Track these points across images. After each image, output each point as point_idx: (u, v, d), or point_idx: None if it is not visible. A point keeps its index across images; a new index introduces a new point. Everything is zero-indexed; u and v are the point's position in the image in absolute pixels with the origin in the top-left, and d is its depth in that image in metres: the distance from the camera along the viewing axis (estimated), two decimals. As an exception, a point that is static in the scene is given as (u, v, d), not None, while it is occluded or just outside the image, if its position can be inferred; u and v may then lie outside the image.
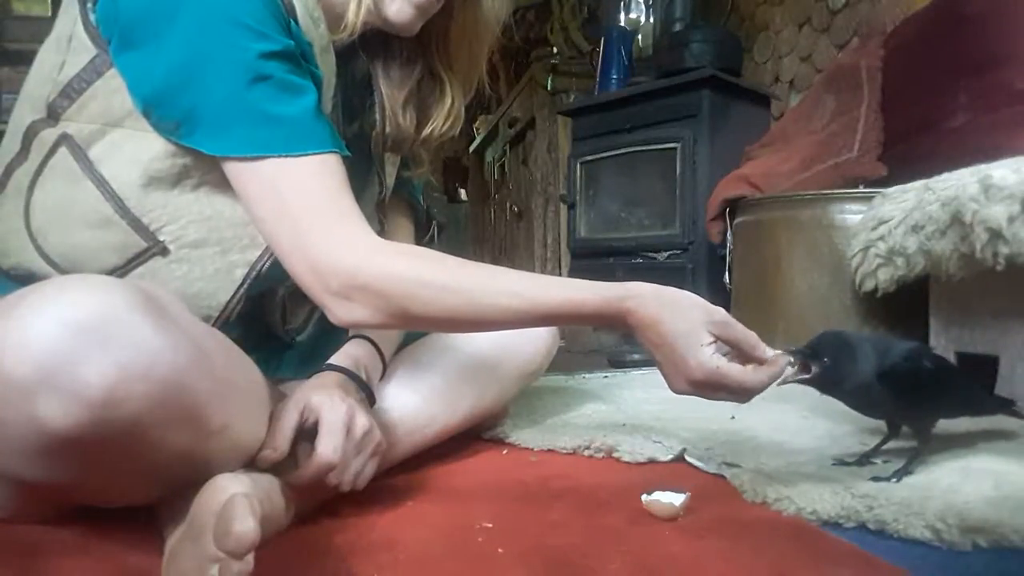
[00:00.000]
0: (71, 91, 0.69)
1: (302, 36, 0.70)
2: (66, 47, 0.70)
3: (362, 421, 0.70)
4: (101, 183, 0.69)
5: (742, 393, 0.69)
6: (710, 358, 0.67)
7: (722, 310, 0.72)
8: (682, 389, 0.70)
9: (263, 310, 0.79)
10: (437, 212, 1.07)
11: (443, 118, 0.89)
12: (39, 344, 0.49)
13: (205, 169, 0.69)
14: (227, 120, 0.66)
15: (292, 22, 0.69)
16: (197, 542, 0.51)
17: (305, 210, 0.66)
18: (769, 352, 0.70)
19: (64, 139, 0.70)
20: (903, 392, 0.78)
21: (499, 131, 3.92)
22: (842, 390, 0.78)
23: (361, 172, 0.89)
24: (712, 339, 0.68)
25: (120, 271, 0.70)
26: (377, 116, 0.86)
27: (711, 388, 0.69)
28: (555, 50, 3.30)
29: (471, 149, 4.71)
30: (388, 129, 0.86)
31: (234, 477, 0.58)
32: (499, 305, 0.68)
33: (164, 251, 0.71)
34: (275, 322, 0.82)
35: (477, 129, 4.53)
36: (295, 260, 0.67)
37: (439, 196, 5.76)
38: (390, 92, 0.86)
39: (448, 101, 0.89)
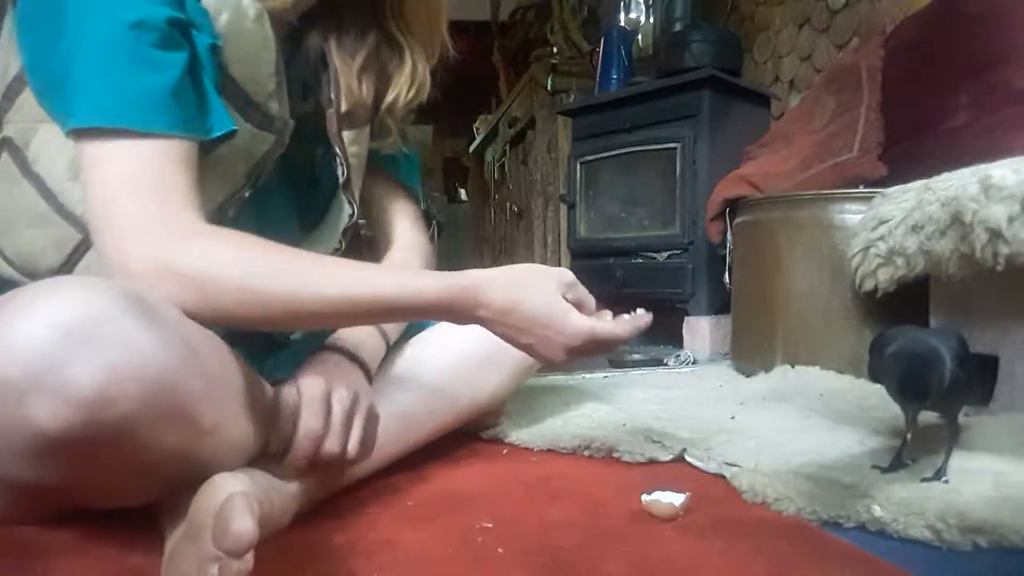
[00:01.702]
0: (11, 92, 0.70)
1: (196, 4, 0.67)
2: (8, 48, 0.70)
3: (342, 389, 0.69)
4: (37, 181, 0.69)
5: (614, 345, 0.71)
6: (582, 322, 0.68)
7: (562, 269, 0.72)
8: (561, 360, 0.70)
9: None
10: (437, 212, 1.06)
11: (407, 84, 0.87)
12: (29, 346, 0.49)
13: None
14: (81, 91, 0.63)
15: None
16: (196, 542, 0.51)
17: (126, 187, 0.62)
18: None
19: (5, 143, 0.70)
20: (927, 371, 0.78)
21: (499, 131, 3.92)
22: (878, 362, 0.79)
23: (320, 150, 0.88)
24: (569, 303, 0.69)
25: (64, 268, 0.70)
26: (333, 92, 0.83)
27: (587, 351, 0.69)
28: (555, 50, 3.29)
29: (471, 149, 4.70)
30: (344, 103, 0.83)
31: (232, 476, 0.57)
32: (324, 296, 0.63)
33: None
34: None
35: (477, 129, 4.53)
36: (103, 238, 0.62)
37: (439, 196, 5.76)
38: (343, 64, 0.83)
39: (409, 66, 0.86)
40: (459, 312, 0.68)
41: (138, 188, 0.62)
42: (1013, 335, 1.09)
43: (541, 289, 0.68)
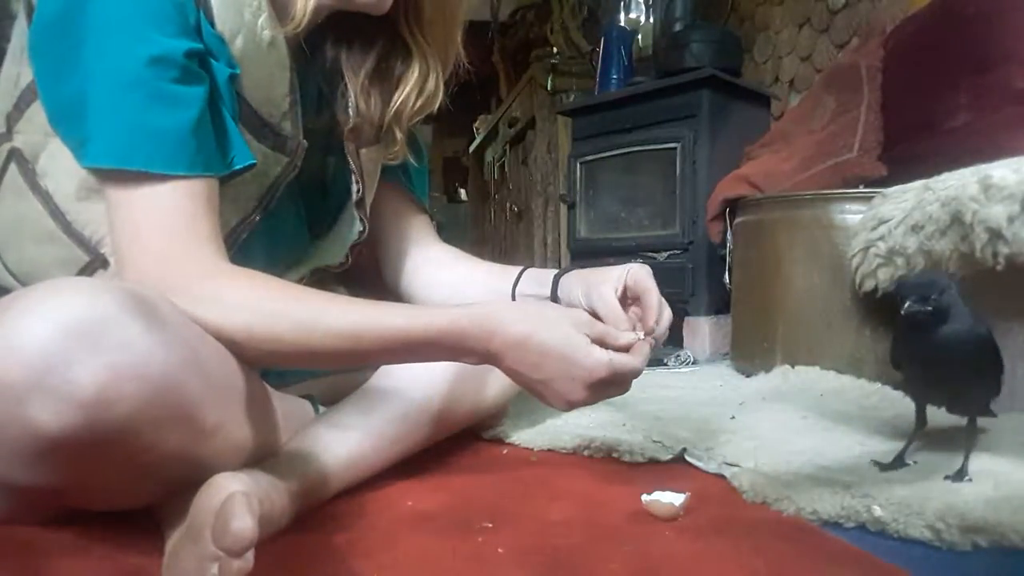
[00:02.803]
0: (22, 103, 0.69)
1: (211, 30, 0.66)
2: (20, 58, 0.70)
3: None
4: (45, 198, 0.69)
5: (631, 379, 0.68)
6: (602, 354, 0.65)
7: (578, 310, 0.72)
8: (580, 399, 0.66)
9: None
10: (436, 212, 1.06)
11: (415, 92, 0.84)
12: (30, 347, 0.49)
13: None
14: (99, 129, 0.63)
15: (202, 16, 0.66)
16: (197, 541, 0.51)
17: (147, 229, 0.63)
18: (624, 336, 0.70)
19: (13, 154, 0.70)
20: (984, 358, 0.79)
21: (499, 131, 3.92)
22: (938, 340, 0.77)
23: (331, 160, 0.87)
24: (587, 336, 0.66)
25: None
26: (350, 105, 0.82)
27: (609, 385, 0.66)
28: (555, 50, 3.29)
29: (471, 149, 4.70)
30: (356, 114, 0.82)
31: (233, 476, 0.57)
32: (333, 333, 0.63)
33: (105, 263, 0.70)
34: None
35: (477, 129, 4.53)
36: (126, 278, 0.63)
37: (439, 196, 5.77)
38: (353, 77, 0.82)
39: (417, 72, 0.84)
40: (472, 343, 0.65)
41: (161, 230, 0.63)
42: (1014, 335, 1.09)
43: (556, 324, 0.65)
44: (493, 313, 0.65)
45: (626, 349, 0.69)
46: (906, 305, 0.75)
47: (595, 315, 0.78)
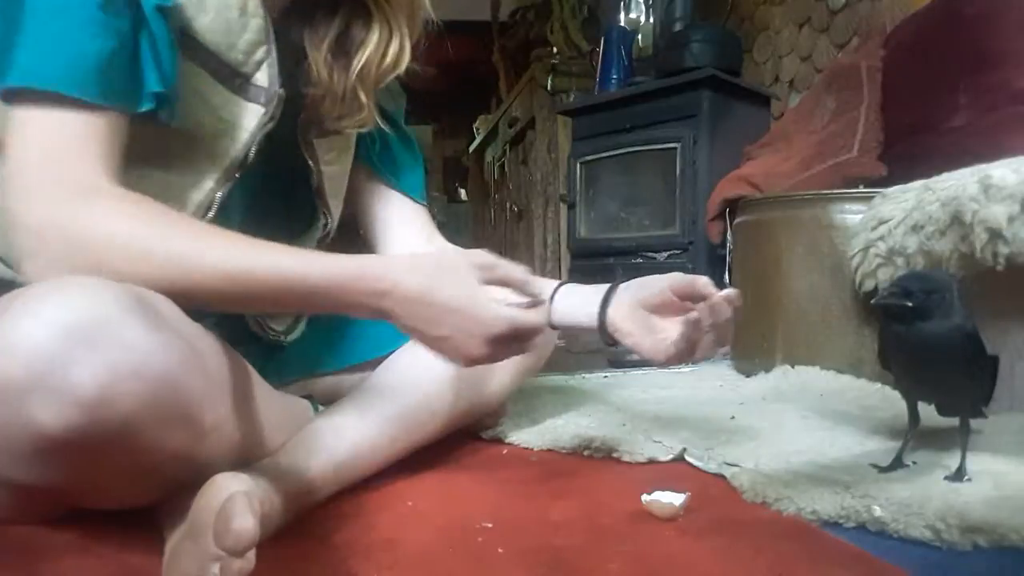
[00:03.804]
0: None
1: None
2: None
3: None
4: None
5: (532, 337, 0.65)
6: (502, 308, 0.62)
7: (479, 251, 0.67)
8: (480, 355, 0.63)
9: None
10: (436, 212, 1.06)
11: (378, 55, 0.81)
12: (30, 346, 0.49)
13: None
14: (19, 52, 0.60)
15: None
16: (198, 541, 0.51)
17: (42, 149, 0.59)
18: (538, 283, 0.66)
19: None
20: (976, 357, 0.78)
21: (499, 131, 3.92)
22: (918, 337, 0.77)
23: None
24: (486, 285, 0.63)
25: None
26: (313, 78, 0.80)
27: (509, 341, 0.63)
28: (555, 50, 3.30)
29: (471, 149, 4.71)
30: (317, 89, 0.80)
31: (234, 476, 0.58)
32: (218, 263, 0.59)
33: None
34: (252, 322, 0.81)
35: (477, 129, 4.53)
36: (7, 196, 0.59)
37: (439, 196, 5.77)
38: (315, 50, 0.80)
39: (377, 35, 0.81)
40: (365, 297, 0.61)
41: (53, 150, 0.60)
42: (1013, 335, 1.09)
43: (455, 275, 0.62)
44: (390, 266, 0.62)
45: (535, 295, 0.67)
46: (882, 295, 0.75)
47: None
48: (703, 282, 0.79)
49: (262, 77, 0.73)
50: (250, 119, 0.74)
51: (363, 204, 0.96)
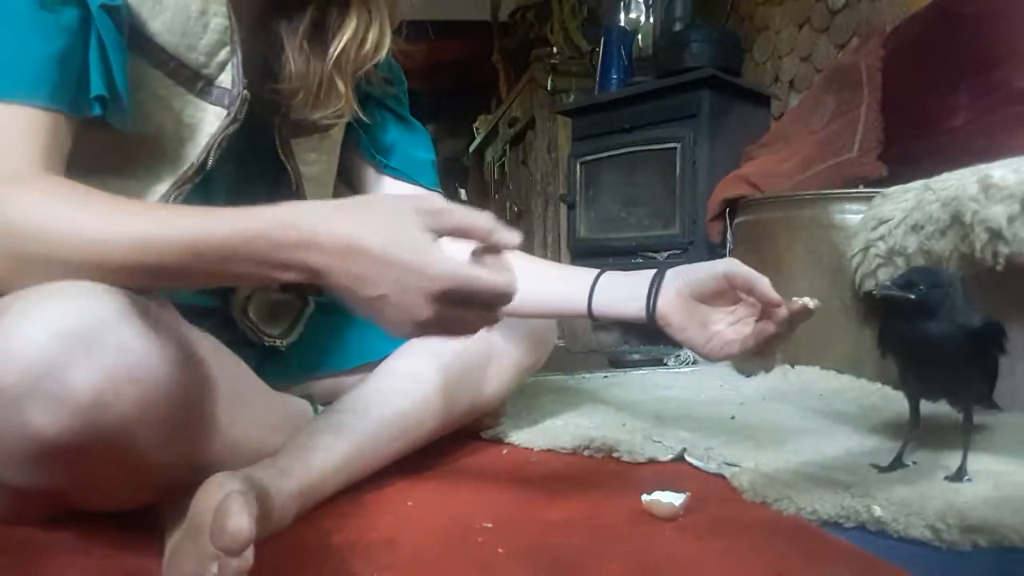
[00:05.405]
0: None
1: None
2: None
3: None
4: None
5: (495, 301, 0.54)
6: (449, 259, 0.51)
7: (428, 194, 0.61)
8: (424, 319, 0.52)
9: (226, 317, 0.78)
10: None
11: (355, 42, 0.78)
12: (26, 351, 0.49)
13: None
14: None
15: None
16: (196, 541, 0.51)
17: None
18: (507, 236, 0.55)
19: None
20: (981, 355, 0.79)
21: (499, 131, 3.92)
22: (923, 332, 0.77)
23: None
24: (435, 236, 0.52)
25: None
26: (287, 70, 0.77)
27: (459, 302, 0.52)
28: (555, 50, 3.29)
29: (471, 149, 4.71)
30: (293, 82, 0.77)
31: (231, 476, 0.58)
32: (128, 232, 0.54)
33: None
34: (247, 328, 0.81)
35: (477, 129, 4.53)
36: None
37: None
38: (290, 41, 0.78)
39: (355, 22, 0.78)
40: (285, 254, 0.52)
41: None
42: (1013, 335, 1.09)
43: (393, 220, 0.52)
44: (306, 211, 0.53)
45: (498, 251, 0.56)
46: (885, 285, 0.75)
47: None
48: (765, 284, 0.78)
49: (226, 79, 0.71)
50: (212, 122, 0.71)
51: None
